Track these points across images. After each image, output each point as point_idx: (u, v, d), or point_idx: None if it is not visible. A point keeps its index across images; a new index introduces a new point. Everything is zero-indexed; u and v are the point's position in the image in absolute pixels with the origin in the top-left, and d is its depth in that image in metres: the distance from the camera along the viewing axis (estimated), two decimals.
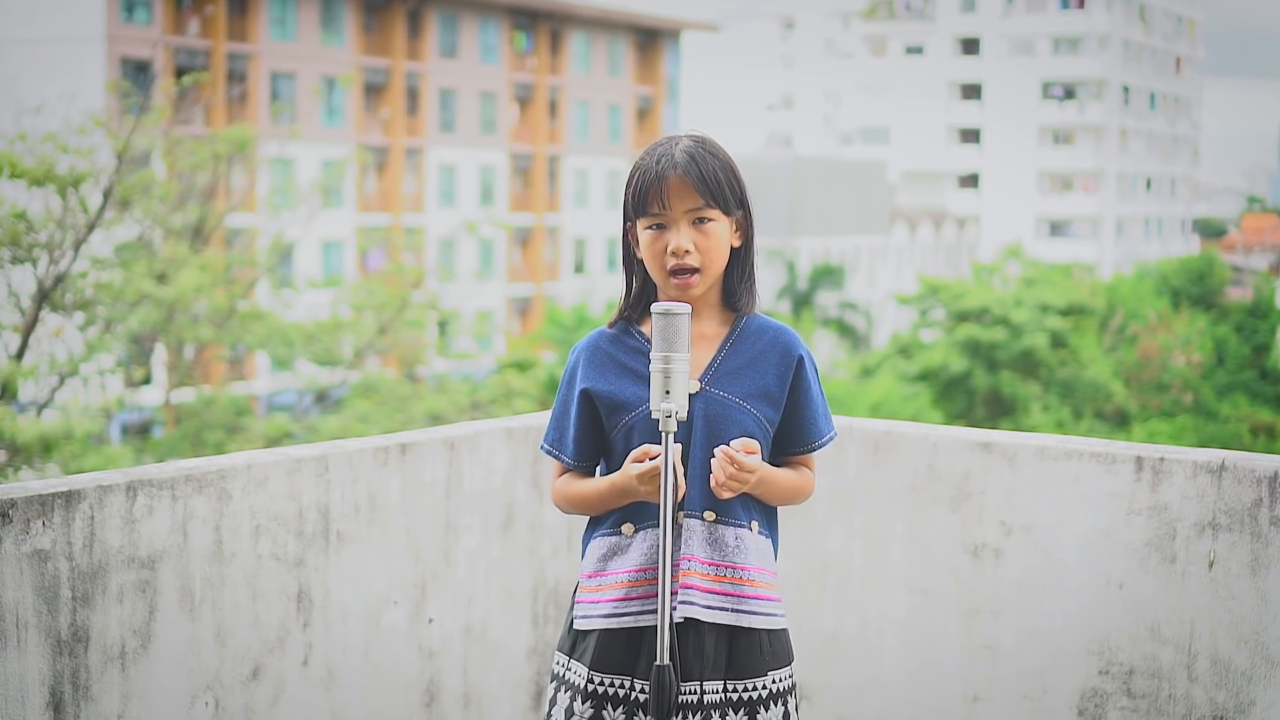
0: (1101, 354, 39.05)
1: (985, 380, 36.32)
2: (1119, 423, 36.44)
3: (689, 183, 2.94)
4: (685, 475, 2.92)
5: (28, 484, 3.50)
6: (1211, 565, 3.79)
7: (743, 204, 3.03)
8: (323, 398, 22.77)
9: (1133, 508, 3.91)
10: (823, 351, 44.39)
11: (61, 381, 18.10)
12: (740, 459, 2.85)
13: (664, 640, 2.77)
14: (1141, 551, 3.89)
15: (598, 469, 3.07)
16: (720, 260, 2.99)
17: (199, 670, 3.74)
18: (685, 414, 2.80)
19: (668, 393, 2.79)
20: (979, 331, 36.66)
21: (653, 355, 2.80)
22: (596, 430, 3.02)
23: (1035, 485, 4.07)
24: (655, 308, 2.81)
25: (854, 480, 4.36)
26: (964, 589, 4.19)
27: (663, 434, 2.79)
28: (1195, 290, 50.60)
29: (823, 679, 4.44)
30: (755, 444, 2.91)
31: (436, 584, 4.26)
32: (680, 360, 2.79)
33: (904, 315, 49.30)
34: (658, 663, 2.76)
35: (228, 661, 3.79)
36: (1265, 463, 3.76)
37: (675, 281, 2.96)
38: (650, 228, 2.97)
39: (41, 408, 18.10)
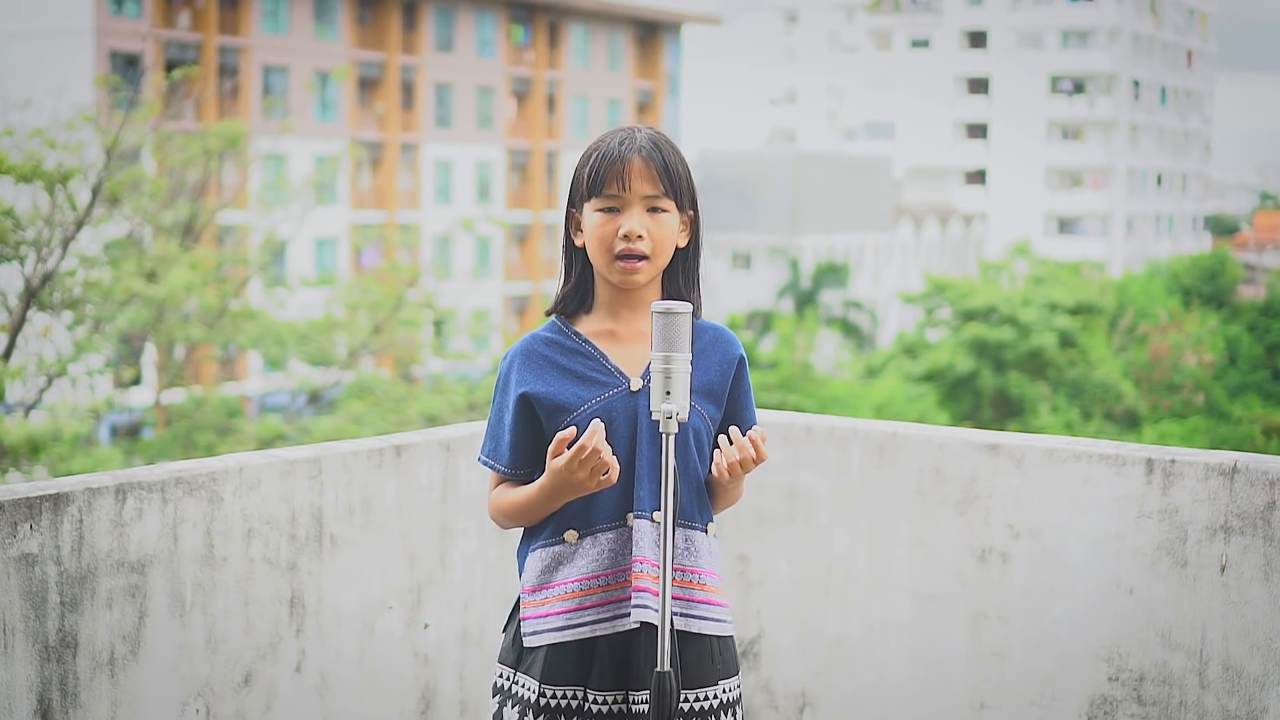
0: (1111, 354, 39.07)
1: (992, 381, 36.34)
2: (1129, 424, 36.46)
3: (652, 168, 2.95)
4: (635, 476, 2.91)
5: (15, 486, 3.50)
6: (1224, 569, 3.79)
7: (694, 204, 3.04)
8: (316, 398, 22.78)
9: (1143, 511, 3.91)
10: (826, 351, 44.40)
11: (49, 382, 18.11)
12: (760, 448, 2.86)
13: (664, 646, 2.76)
14: (1152, 555, 3.89)
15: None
16: (668, 252, 2.99)
17: (190, 677, 3.74)
18: (686, 415, 2.79)
19: (668, 393, 2.78)
20: (986, 331, 36.67)
21: (653, 355, 2.79)
22: (534, 436, 2.98)
23: (1043, 488, 4.07)
24: (655, 306, 2.80)
25: (858, 483, 4.37)
26: (971, 593, 4.19)
27: (663, 435, 2.78)
28: (1207, 289, 50.62)
29: (826, 685, 4.44)
30: (766, 434, 2.92)
31: (432, 589, 4.26)
32: (681, 360, 2.78)
33: (909, 314, 49.32)
34: (658, 669, 2.75)
35: (219, 668, 3.79)
36: (1278, 465, 3.76)
37: (621, 265, 2.94)
38: (602, 209, 2.96)
39: (29, 409, 18.11)
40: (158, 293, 18.40)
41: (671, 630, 2.78)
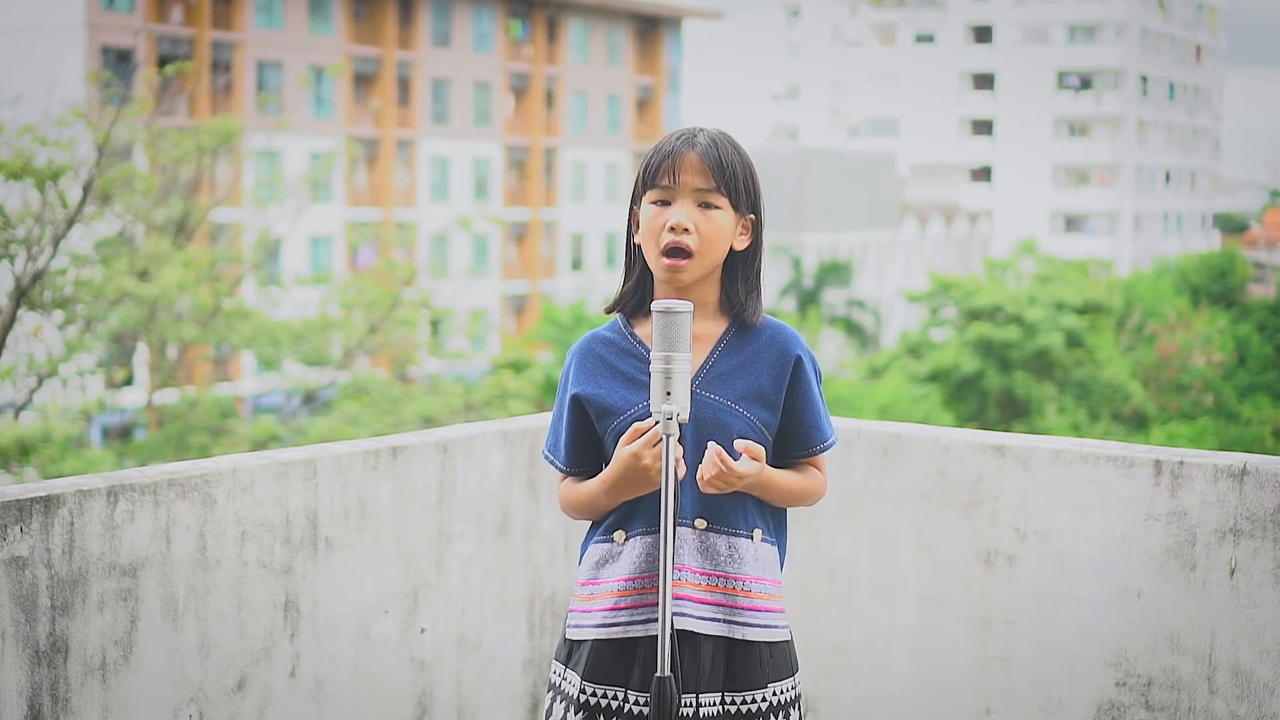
0: (1119, 354, 39.07)
1: (998, 381, 36.34)
2: (1137, 425, 36.46)
3: (704, 161, 2.96)
4: (681, 479, 2.92)
5: (4, 488, 3.50)
6: (1233, 573, 3.79)
7: (755, 207, 3.04)
8: (311, 399, 22.78)
9: (1151, 513, 3.91)
10: (829, 351, 44.43)
11: (40, 382, 18.12)
12: (730, 465, 2.84)
13: (664, 651, 2.77)
14: (1160, 559, 3.90)
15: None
16: (717, 251, 2.99)
17: (182, 682, 3.74)
18: (687, 415, 2.80)
19: (669, 394, 2.78)
20: (992, 330, 36.68)
21: (653, 355, 2.80)
22: (588, 436, 3.03)
23: (1050, 490, 4.07)
24: (655, 305, 2.81)
25: (862, 485, 4.37)
26: (976, 597, 4.19)
27: (664, 437, 2.78)
28: (1216, 287, 50.64)
29: (830, 690, 4.44)
30: (760, 449, 2.91)
31: (429, 592, 4.27)
32: (681, 360, 2.78)
33: (914, 313, 49.33)
34: (658, 674, 2.76)
35: (212, 673, 3.79)
36: None
37: (666, 262, 2.95)
38: (655, 202, 2.98)
39: (19, 410, 18.12)
40: (150, 292, 18.40)
41: (672, 635, 2.79)
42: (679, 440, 2.85)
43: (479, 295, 46.14)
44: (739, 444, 2.89)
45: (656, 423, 2.86)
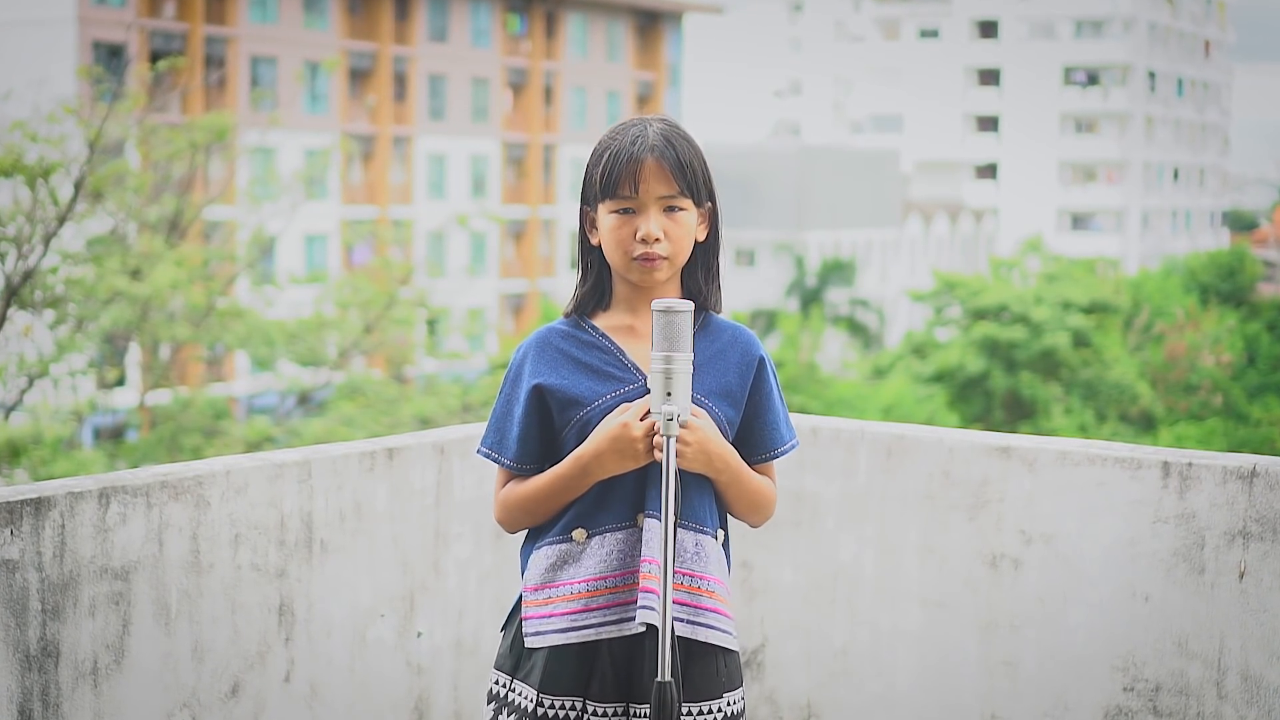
0: (1126, 354, 39.07)
1: (1004, 381, 36.35)
2: (1145, 426, 36.46)
3: (665, 167, 2.94)
4: (648, 475, 2.91)
5: None
6: (1242, 576, 3.79)
7: (711, 196, 3.03)
8: (306, 400, 22.77)
9: (1159, 516, 3.91)
10: (832, 351, 44.42)
11: (30, 383, 18.12)
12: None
13: (665, 655, 2.76)
14: (1169, 562, 3.90)
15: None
16: (687, 250, 2.99)
17: (175, 687, 3.74)
18: (688, 416, 2.80)
19: (669, 394, 2.79)
20: (997, 330, 36.68)
21: (653, 355, 2.80)
22: (543, 430, 2.98)
23: (1056, 492, 4.07)
24: (655, 305, 2.81)
25: (865, 487, 4.37)
26: (981, 601, 4.19)
27: (664, 438, 2.78)
28: (1225, 286, 50.63)
29: (833, 696, 4.44)
30: (701, 411, 2.89)
31: (425, 596, 4.26)
32: (682, 360, 2.79)
33: (918, 313, 49.33)
34: (659, 679, 2.74)
35: (205, 678, 3.79)
36: None
37: (641, 265, 2.95)
38: (617, 211, 2.96)
39: (10, 410, 18.12)
40: (142, 291, 18.39)
41: (673, 638, 2.77)
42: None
43: (476, 294, 46.12)
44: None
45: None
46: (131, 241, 20.29)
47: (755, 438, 3.01)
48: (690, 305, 2.81)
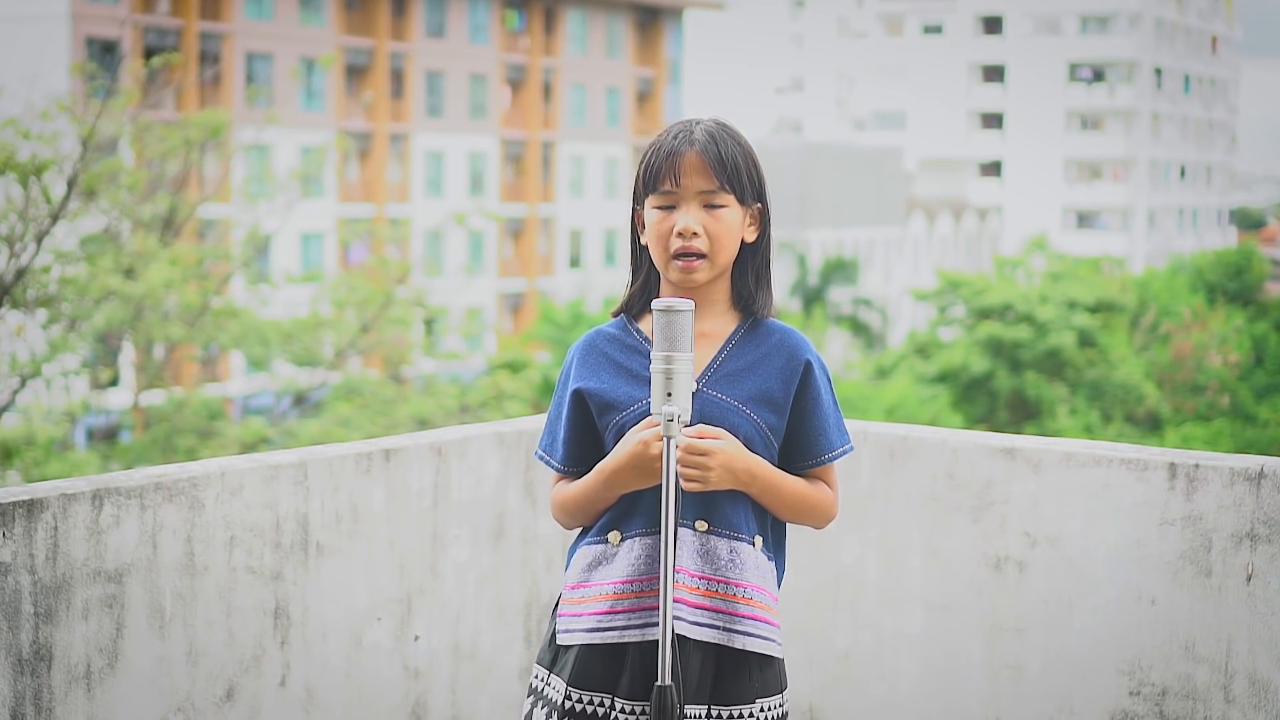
0: (1132, 353, 39.06)
1: (1008, 382, 36.34)
2: (1151, 427, 36.45)
3: (705, 161, 2.96)
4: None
5: None
6: (1250, 579, 3.79)
7: (760, 196, 3.04)
8: (301, 400, 22.78)
9: (1165, 518, 3.91)
10: (835, 351, 44.44)
11: (23, 383, 18.12)
12: (693, 443, 2.84)
13: (665, 658, 2.77)
14: (1175, 564, 3.89)
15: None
16: (729, 250, 2.99)
17: (169, 691, 3.74)
18: (688, 417, 2.80)
19: (669, 395, 2.79)
20: (1001, 329, 36.68)
21: (653, 355, 2.80)
22: (588, 433, 3.02)
23: (1062, 494, 4.07)
24: (656, 304, 2.81)
25: (868, 488, 4.37)
26: (986, 604, 4.19)
27: (664, 439, 2.79)
28: (1232, 285, 50.64)
29: (835, 700, 4.44)
30: (717, 430, 2.89)
31: (423, 599, 4.26)
32: (682, 360, 2.79)
33: (921, 312, 49.33)
34: (659, 683, 2.75)
35: (200, 681, 3.79)
36: None
37: (679, 264, 2.96)
38: (659, 207, 2.98)
39: (2, 411, 18.11)
40: (136, 290, 18.40)
41: (673, 641, 2.78)
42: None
43: (474, 293, 46.13)
44: (689, 430, 2.87)
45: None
46: (125, 240, 20.29)
47: (803, 442, 3.01)
48: (691, 305, 2.81)
